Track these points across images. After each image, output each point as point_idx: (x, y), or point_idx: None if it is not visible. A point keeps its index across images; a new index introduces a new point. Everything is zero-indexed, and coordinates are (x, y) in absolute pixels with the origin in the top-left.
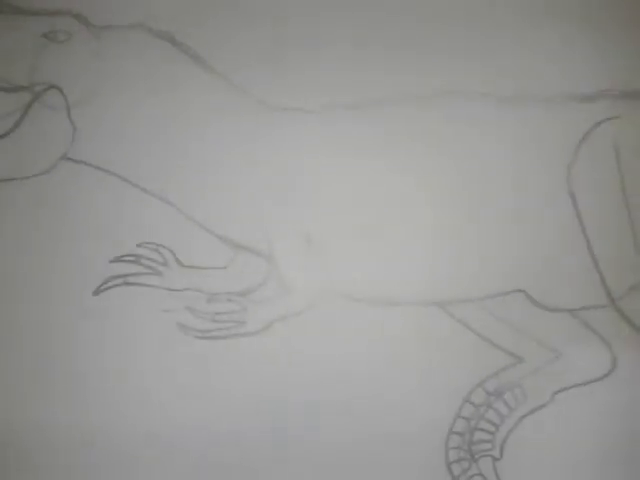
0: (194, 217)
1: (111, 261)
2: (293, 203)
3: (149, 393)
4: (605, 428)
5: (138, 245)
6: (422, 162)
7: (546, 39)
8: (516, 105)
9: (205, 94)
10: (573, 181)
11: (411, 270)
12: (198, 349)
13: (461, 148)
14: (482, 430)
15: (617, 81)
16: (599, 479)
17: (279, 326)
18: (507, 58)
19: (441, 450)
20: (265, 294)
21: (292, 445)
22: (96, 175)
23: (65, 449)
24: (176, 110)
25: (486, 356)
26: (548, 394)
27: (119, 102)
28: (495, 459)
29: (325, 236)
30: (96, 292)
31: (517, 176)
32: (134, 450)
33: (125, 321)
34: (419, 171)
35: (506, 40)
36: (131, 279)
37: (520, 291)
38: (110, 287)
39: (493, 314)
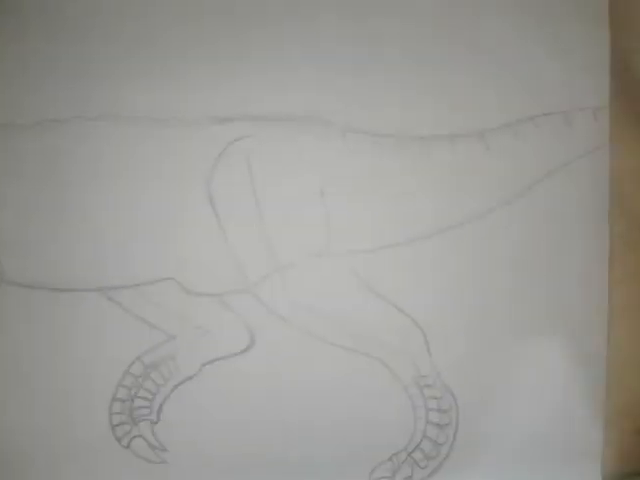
0: None
1: None
2: None
3: None
4: (246, 393)
5: None
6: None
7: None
8: (165, 126)
9: None
10: (212, 189)
11: (79, 256)
12: None
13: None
14: (141, 398)
15: (249, 105)
16: (242, 430)
17: None
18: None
19: (105, 415)
20: None
21: None
22: None
23: None
24: None
25: (144, 334)
26: (197, 366)
27: None
28: (153, 422)
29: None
30: None
31: (161, 190)
32: None
33: None
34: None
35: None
36: None
37: (171, 279)
38: None
39: (148, 298)
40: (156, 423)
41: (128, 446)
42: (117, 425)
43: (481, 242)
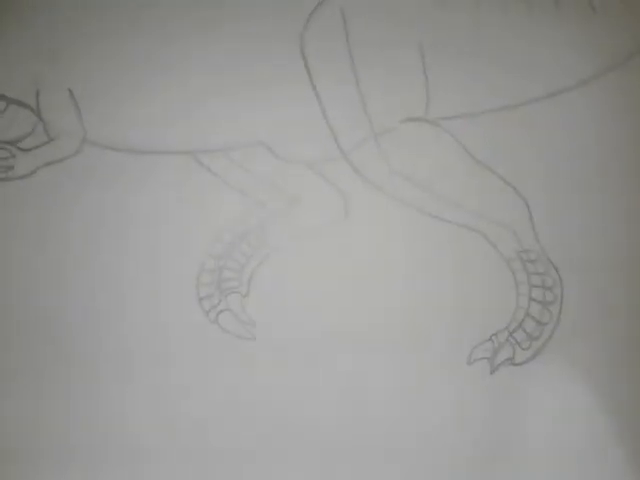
0: None
1: None
2: (59, 61)
3: None
4: (337, 267)
5: None
6: None
7: None
8: None
9: None
10: (305, 46)
11: (165, 116)
12: None
13: None
14: (229, 269)
15: None
16: (334, 304)
17: (44, 171)
18: None
19: (192, 286)
20: (32, 143)
21: None
22: None
23: None
24: None
25: (232, 201)
26: (287, 237)
27: None
28: (242, 295)
29: (85, 91)
30: None
31: (253, 47)
32: None
33: None
34: None
35: None
36: None
37: (261, 143)
38: None
39: (237, 163)
40: (245, 296)
41: (215, 320)
42: (204, 298)
43: (587, 107)
